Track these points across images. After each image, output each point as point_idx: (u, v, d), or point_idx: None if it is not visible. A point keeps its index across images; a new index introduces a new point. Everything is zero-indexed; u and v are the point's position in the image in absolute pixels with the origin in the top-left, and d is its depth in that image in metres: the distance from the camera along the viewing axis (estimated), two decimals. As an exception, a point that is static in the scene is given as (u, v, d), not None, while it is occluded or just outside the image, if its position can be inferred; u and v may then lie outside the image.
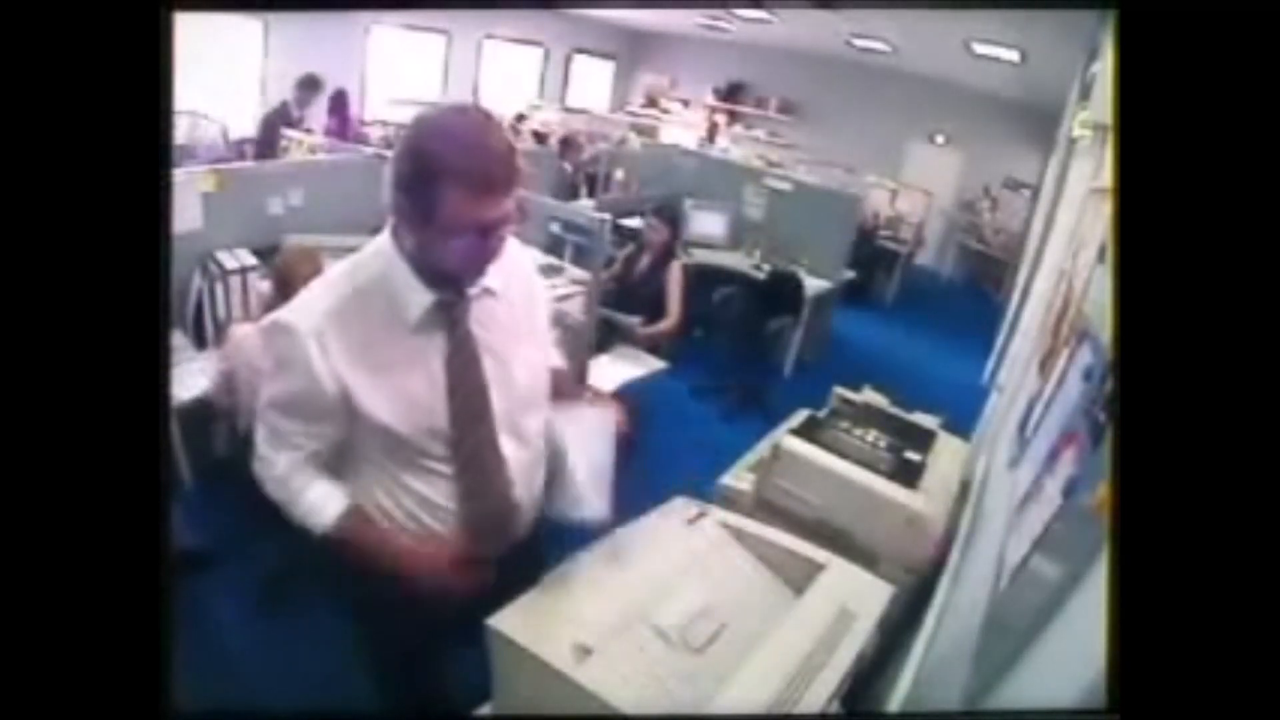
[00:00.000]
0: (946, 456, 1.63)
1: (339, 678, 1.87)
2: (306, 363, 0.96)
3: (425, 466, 1.05)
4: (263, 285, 2.39)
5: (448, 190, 0.89)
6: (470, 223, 0.92)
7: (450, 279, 1.00)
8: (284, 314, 0.99)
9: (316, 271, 2.02)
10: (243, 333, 2.03)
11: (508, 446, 1.09)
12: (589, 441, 1.12)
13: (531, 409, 1.12)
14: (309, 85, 4.48)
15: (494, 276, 1.03)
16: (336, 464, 1.07)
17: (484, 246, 0.97)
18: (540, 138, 6.28)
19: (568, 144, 5.11)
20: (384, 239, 1.01)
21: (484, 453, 1.07)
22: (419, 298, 0.99)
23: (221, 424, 2.06)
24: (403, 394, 1.01)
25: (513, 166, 0.93)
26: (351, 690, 1.83)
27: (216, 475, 2.26)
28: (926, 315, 6.34)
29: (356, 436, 1.04)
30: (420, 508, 1.07)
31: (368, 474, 1.07)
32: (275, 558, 2.12)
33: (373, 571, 1.06)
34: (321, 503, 1.05)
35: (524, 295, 1.11)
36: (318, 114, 4.80)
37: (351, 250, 1.05)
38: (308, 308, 0.98)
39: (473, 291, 1.03)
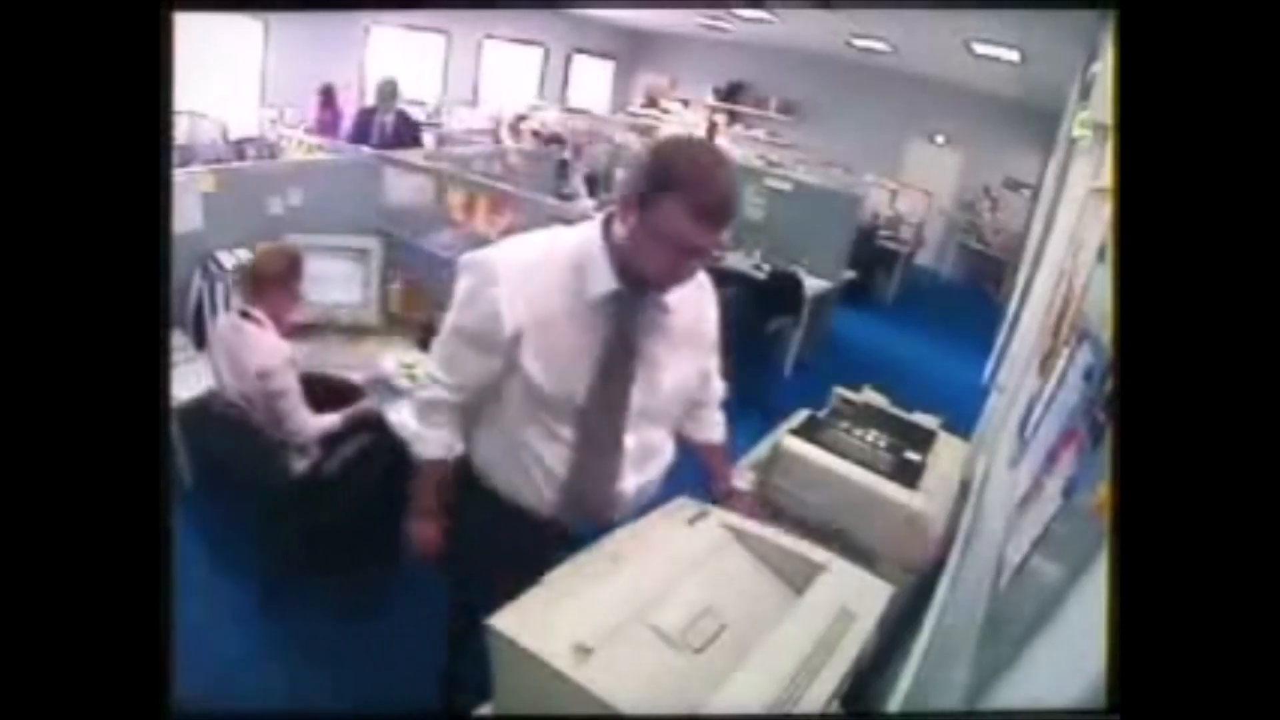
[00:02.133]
0: (946, 456, 1.62)
1: (339, 678, 1.87)
2: (494, 302, 1.08)
3: (552, 431, 1.17)
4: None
5: (675, 205, 1.00)
6: (683, 241, 1.02)
7: (642, 281, 1.09)
8: (485, 255, 1.12)
9: (290, 268, 2.04)
10: (218, 326, 2.06)
11: (630, 441, 1.19)
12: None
13: (666, 418, 1.25)
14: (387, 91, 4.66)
15: (673, 293, 1.12)
16: (476, 410, 1.21)
17: (683, 265, 1.07)
18: (540, 138, 6.29)
19: (554, 141, 5.08)
20: (593, 223, 1.13)
21: (607, 437, 1.18)
22: (605, 282, 1.09)
23: (221, 423, 2.06)
24: (559, 356, 1.12)
25: (734, 206, 1.05)
26: (351, 690, 1.83)
27: (217, 475, 2.26)
28: (926, 315, 6.34)
29: (506, 386, 1.16)
30: (535, 464, 1.19)
31: (499, 426, 1.20)
32: (276, 557, 2.12)
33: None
34: (432, 441, 1.22)
35: (694, 317, 1.22)
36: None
37: (349, 250, 1.08)
38: (507, 257, 1.11)
39: (649, 297, 1.12)
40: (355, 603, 2.09)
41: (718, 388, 1.41)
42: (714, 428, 1.42)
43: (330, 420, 2.03)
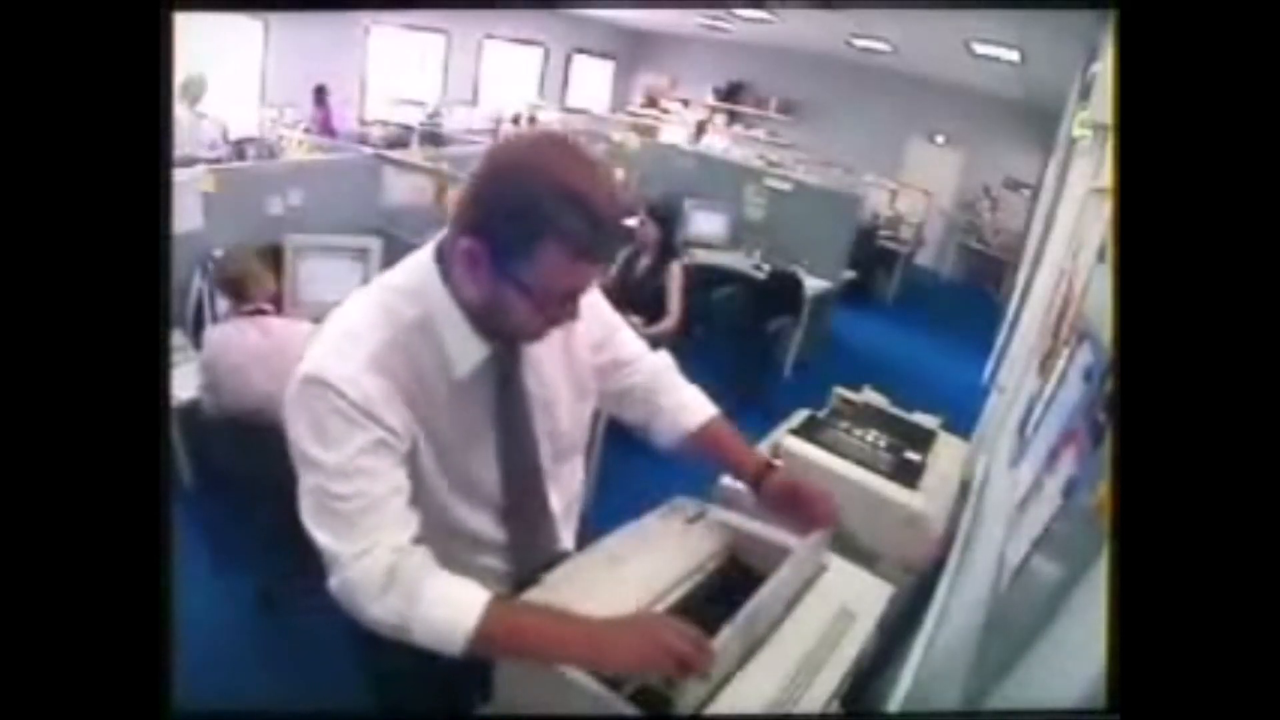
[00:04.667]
0: (946, 456, 1.62)
1: (339, 678, 1.87)
2: (376, 416, 0.81)
3: (480, 542, 0.97)
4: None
5: (550, 251, 0.77)
6: (563, 289, 0.81)
7: (511, 338, 0.89)
8: (325, 370, 0.81)
9: (268, 269, 2.04)
10: (225, 339, 2.02)
11: (554, 500, 1.04)
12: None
13: (573, 455, 1.06)
14: None
15: None
16: None
17: (563, 312, 0.85)
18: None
19: None
20: (428, 274, 0.86)
21: (535, 512, 1.02)
22: (471, 349, 0.86)
23: (218, 427, 2.06)
24: (458, 455, 0.90)
25: (622, 226, 0.83)
26: (351, 690, 1.83)
27: (217, 475, 2.26)
28: (926, 315, 6.34)
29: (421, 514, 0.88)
30: (476, 576, 0.93)
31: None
32: (276, 557, 2.12)
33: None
34: (449, 607, 0.81)
35: (563, 336, 0.97)
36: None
37: (349, 250, 1.03)
38: (356, 359, 0.81)
39: (521, 343, 0.92)
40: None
41: (660, 362, 1.15)
42: (697, 405, 1.14)
43: None
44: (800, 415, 1.66)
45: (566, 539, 1.11)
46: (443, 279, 0.85)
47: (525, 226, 0.76)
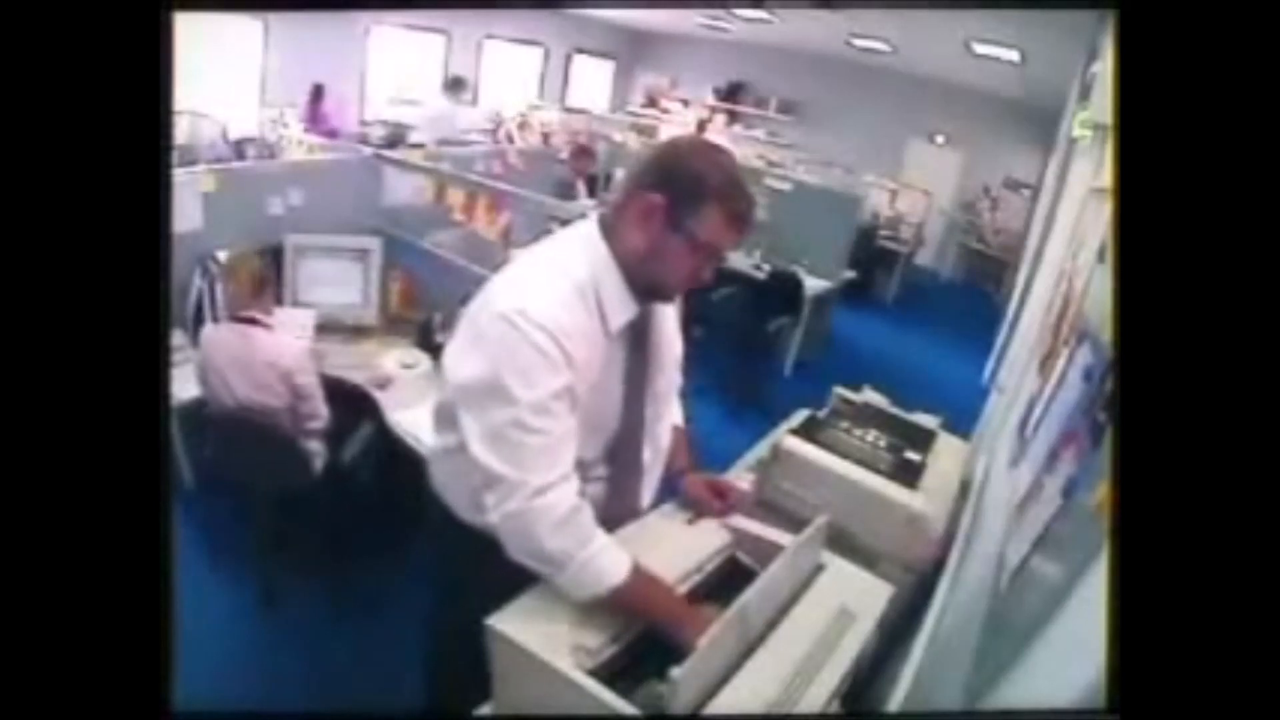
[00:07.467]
0: (946, 456, 1.62)
1: (339, 678, 1.87)
2: (570, 353, 0.93)
3: (587, 475, 1.05)
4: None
5: (713, 211, 0.97)
6: (714, 247, 0.99)
7: (659, 293, 1.05)
8: (524, 306, 0.92)
9: (258, 271, 2.04)
10: (215, 337, 2.02)
11: (646, 453, 1.15)
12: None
13: (660, 421, 1.18)
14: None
15: None
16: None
17: (704, 271, 1.02)
18: (549, 140, 6.30)
19: (584, 152, 4.87)
20: (592, 237, 1.02)
21: (630, 463, 1.13)
22: (625, 307, 1.02)
23: (234, 428, 2.05)
24: (597, 399, 1.02)
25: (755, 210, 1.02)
26: (351, 690, 1.83)
27: (217, 475, 2.26)
28: (926, 315, 6.34)
29: None
30: None
31: None
32: (276, 556, 2.12)
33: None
34: (611, 556, 0.95)
35: (664, 314, 1.16)
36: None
37: (349, 250, 1.04)
38: (544, 301, 0.93)
39: (652, 308, 1.08)
40: (354, 602, 2.10)
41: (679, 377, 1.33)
42: (677, 413, 1.33)
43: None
44: (800, 415, 1.66)
45: (646, 495, 1.19)
46: (605, 241, 1.01)
47: (699, 188, 0.96)
